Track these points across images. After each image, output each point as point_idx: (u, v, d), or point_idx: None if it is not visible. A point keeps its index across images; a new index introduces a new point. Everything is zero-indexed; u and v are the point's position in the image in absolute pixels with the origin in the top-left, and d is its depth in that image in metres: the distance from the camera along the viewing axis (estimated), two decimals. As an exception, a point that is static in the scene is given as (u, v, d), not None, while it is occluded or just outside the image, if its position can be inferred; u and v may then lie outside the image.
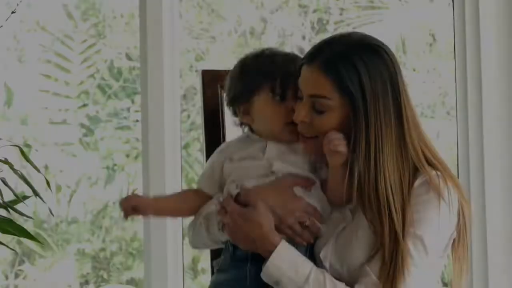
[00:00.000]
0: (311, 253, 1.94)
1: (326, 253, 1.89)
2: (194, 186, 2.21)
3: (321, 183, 1.95)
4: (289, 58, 1.97)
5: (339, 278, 1.87)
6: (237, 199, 1.92)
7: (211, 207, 1.98)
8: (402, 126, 1.84)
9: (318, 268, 1.87)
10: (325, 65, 1.83)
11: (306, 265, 1.85)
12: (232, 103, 2.02)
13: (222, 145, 2.06)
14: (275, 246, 1.85)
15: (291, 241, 1.90)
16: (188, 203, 2.01)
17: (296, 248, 1.89)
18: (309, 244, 1.93)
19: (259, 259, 1.88)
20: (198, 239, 2.03)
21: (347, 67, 1.82)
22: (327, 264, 1.88)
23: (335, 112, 1.84)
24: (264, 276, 1.85)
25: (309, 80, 1.86)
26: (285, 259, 1.84)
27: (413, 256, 1.80)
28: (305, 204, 1.91)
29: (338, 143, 1.80)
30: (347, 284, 1.85)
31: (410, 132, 1.85)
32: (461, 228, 1.90)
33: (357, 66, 1.81)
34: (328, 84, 1.83)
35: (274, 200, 1.89)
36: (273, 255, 1.84)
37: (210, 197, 2.01)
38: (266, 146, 1.93)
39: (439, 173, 1.85)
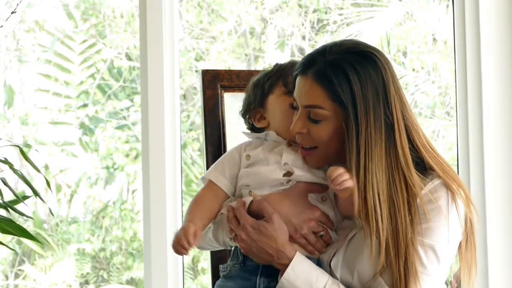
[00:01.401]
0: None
1: (336, 262, 1.87)
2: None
3: (334, 194, 1.93)
4: (296, 61, 2.00)
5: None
6: (249, 208, 1.88)
7: (222, 211, 1.95)
8: (393, 134, 1.82)
9: (334, 280, 1.85)
10: (317, 75, 1.83)
11: (320, 279, 1.82)
12: (247, 111, 2.02)
13: (242, 145, 2.02)
14: (290, 260, 1.82)
15: (304, 255, 1.86)
16: (215, 204, 1.96)
17: (309, 258, 1.86)
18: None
19: (270, 272, 1.86)
20: (204, 241, 2.00)
21: (338, 75, 1.81)
22: (337, 273, 1.86)
23: (330, 122, 1.83)
24: None
25: (303, 91, 1.85)
26: (299, 274, 1.81)
27: (425, 265, 1.79)
28: (319, 213, 1.88)
29: (342, 180, 1.77)
30: None
31: (401, 140, 1.83)
32: (468, 232, 1.90)
33: (349, 74, 1.80)
34: (321, 94, 1.82)
35: (288, 209, 1.87)
36: (288, 270, 1.81)
37: (223, 192, 1.97)
38: (282, 153, 1.92)
39: (442, 181, 1.84)
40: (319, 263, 1.89)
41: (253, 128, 2.04)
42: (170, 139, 2.98)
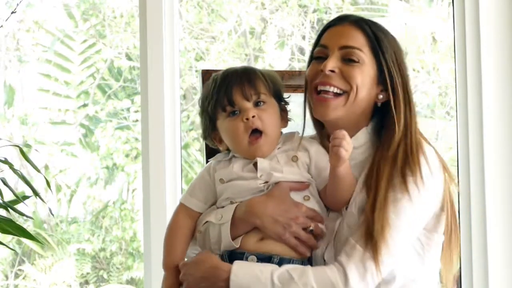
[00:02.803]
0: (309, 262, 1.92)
1: (329, 254, 1.88)
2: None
3: (318, 192, 1.94)
4: (230, 73, 1.96)
5: None
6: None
7: (206, 218, 1.96)
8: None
9: (279, 267, 1.82)
10: (358, 23, 1.91)
11: (264, 270, 1.81)
12: (206, 136, 2.01)
13: (211, 163, 2.00)
14: (229, 272, 1.82)
15: (290, 258, 1.87)
16: (190, 225, 2.00)
17: (292, 262, 1.86)
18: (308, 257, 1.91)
19: None
20: (192, 251, 2.01)
21: (378, 28, 1.92)
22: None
23: (365, 67, 1.89)
24: None
25: (343, 33, 1.91)
26: (244, 275, 1.81)
27: (393, 219, 1.79)
28: (305, 209, 1.89)
29: (341, 144, 1.79)
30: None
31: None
32: (449, 211, 1.91)
33: (387, 32, 1.93)
34: (361, 38, 1.89)
35: (273, 210, 1.88)
36: (231, 278, 1.81)
37: (196, 212, 2.00)
38: (256, 163, 1.91)
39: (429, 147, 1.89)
40: (312, 258, 1.90)
41: (218, 149, 2.04)
42: (170, 139, 2.98)
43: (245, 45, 4.92)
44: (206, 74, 2.45)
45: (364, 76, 1.89)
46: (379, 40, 1.90)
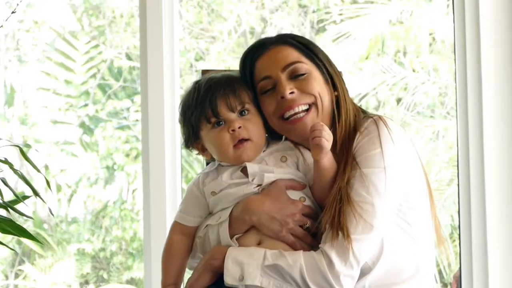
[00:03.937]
0: None
1: None
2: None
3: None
4: (214, 83, 1.96)
5: None
6: None
7: (205, 222, 1.97)
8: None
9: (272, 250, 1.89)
10: (282, 40, 1.98)
11: (260, 249, 1.86)
12: (188, 145, 2.01)
13: (199, 178, 2.01)
14: (224, 251, 1.88)
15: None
16: (185, 246, 2.02)
17: None
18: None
19: None
20: (194, 262, 2.02)
21: (299, 39, 1.98)
22: None
23: (314, 74, 1.93)
24: (227, 276, 1.84)
25: (276, 57, 1.95)
26: (239, 251, 1.85)
27: (360, 193, 1.81)
28: (302, 206, 1.90)
29: (321, 135, 1.82)
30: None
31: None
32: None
33: (310, 40, 2.00)
34: (295, 52, 1.95)
35: (270, 207, 1.89)
36: (227, 255, 1.86)
37: (192, 228, 2.01)
38: (245, 168, 1.92)
39: (376, 117, 1.91)
40: None
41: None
42: (170, 139, 2.98)
43: (245, 45, 4.93)
44: (206, 74, 2.45)
45: (318, 82, 1.93)
46: (307, 46, 1.96)
